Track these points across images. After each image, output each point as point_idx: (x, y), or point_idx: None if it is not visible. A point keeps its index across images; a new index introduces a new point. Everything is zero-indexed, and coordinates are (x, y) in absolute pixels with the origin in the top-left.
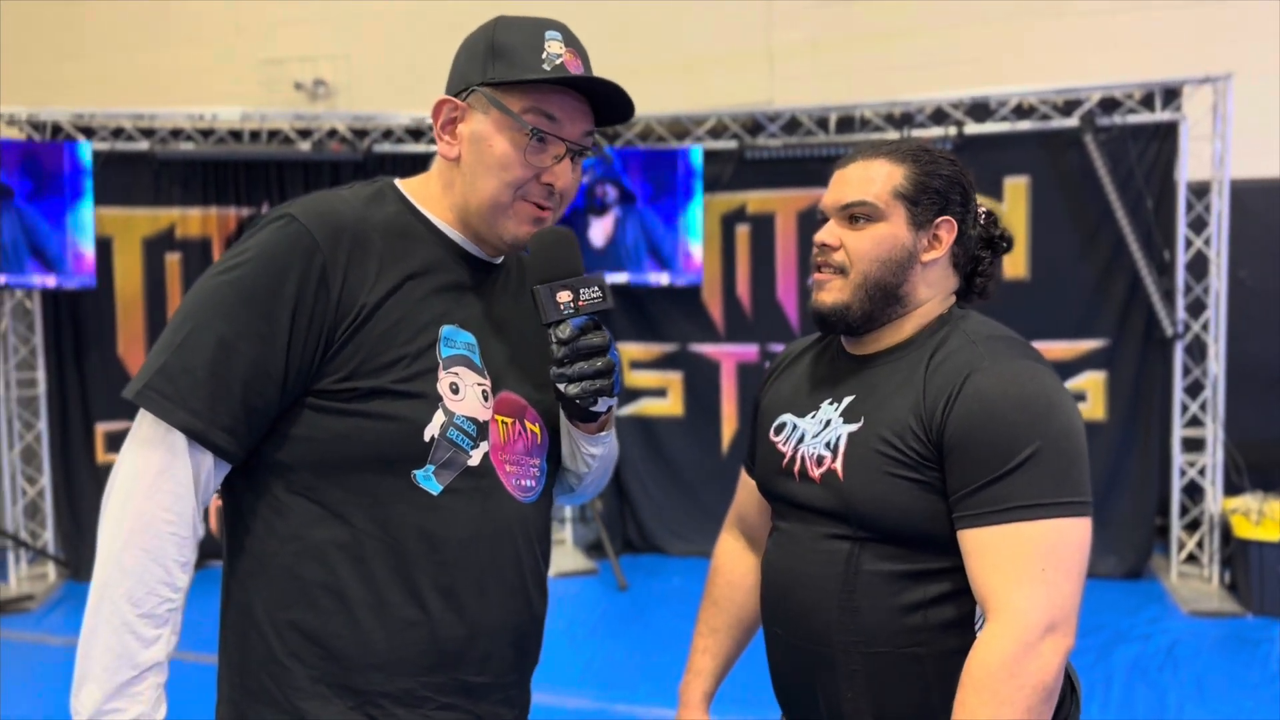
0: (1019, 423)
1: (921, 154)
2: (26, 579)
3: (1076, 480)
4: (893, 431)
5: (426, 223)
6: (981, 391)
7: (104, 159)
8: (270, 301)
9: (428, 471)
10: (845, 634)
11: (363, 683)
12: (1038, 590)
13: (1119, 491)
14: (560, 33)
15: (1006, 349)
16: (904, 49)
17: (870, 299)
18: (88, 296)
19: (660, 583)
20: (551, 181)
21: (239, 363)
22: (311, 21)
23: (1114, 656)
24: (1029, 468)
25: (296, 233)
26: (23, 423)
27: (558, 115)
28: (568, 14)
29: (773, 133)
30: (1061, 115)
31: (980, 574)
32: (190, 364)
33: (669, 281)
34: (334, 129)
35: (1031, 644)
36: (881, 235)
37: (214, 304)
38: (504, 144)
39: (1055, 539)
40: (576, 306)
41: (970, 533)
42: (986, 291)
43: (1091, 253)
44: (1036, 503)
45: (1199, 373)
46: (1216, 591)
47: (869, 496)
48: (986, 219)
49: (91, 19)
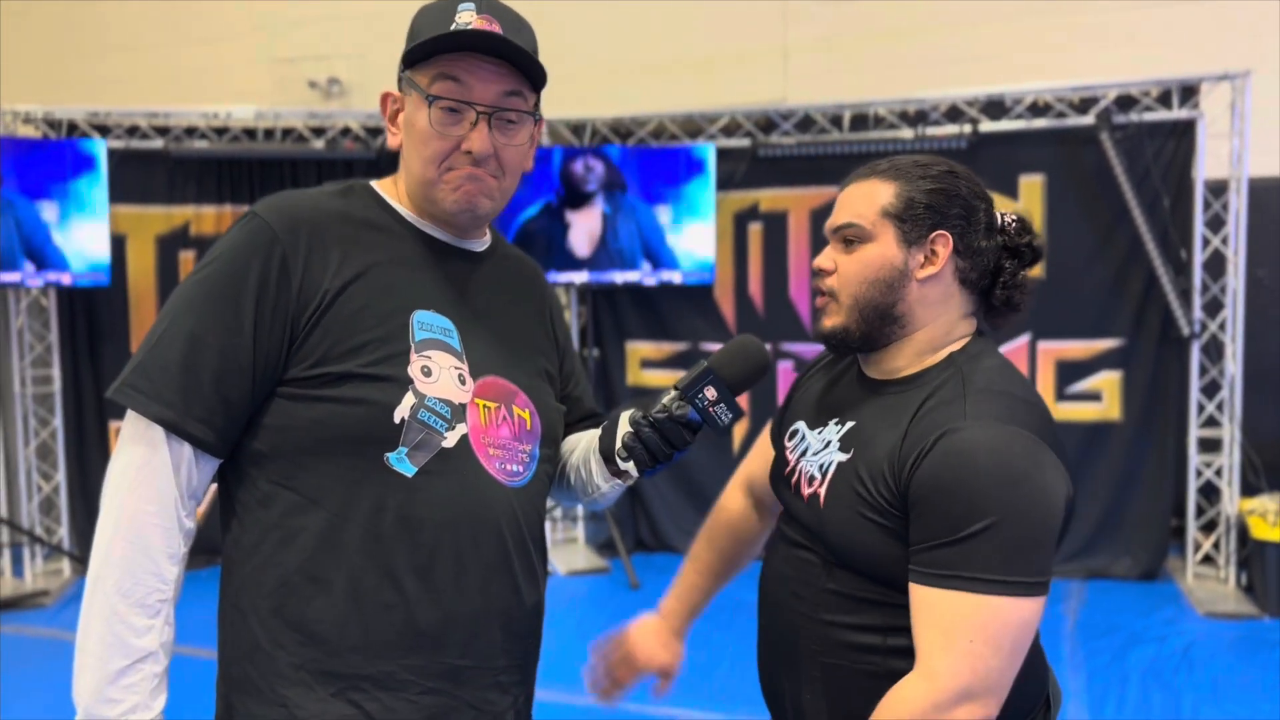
0: (980, 490)
1: (914, 169)
2: (41, 575)
3: (1030, 560)
4: (869, 474)
5: (395, 215)
6: (951, 452)
7: (119, 157)
8: (234, 294)
9: (400, 454)
10: (809, 641)
11: (343, 667)
12: (961, 660)
13: (1134, 492)
14: (473, 3)
15: (993, 408)
16: (918, 46)
17: (865, 320)
18: (102, 294)
19: (672, 581)
20: (469, 148)
21: (208, 355)
22: (325, 21)
23: (1129, 658)
24: (981, 540)
25: (256, 227)
26: (38, 419)
27: (463, 78)
28: (580, 13)
29: (786, 130)
30: (1077, 113)
31: (917, 626)
32: (164, 360)
33: (680, 281)
34: (347, 127)
35: (942, 706)
36: (869, 257)
37: (185, 302)
38: (422, 120)
39: (989, 616)
40: (706, 407)
41: (916, 587)
42: (1013, 302)
43: (1107, 251)
44: (979, 577)
45: (1215, 372)
46: (1233, 593)
47: (840, 529)
48: (1017, 226)
49: (107, 18)
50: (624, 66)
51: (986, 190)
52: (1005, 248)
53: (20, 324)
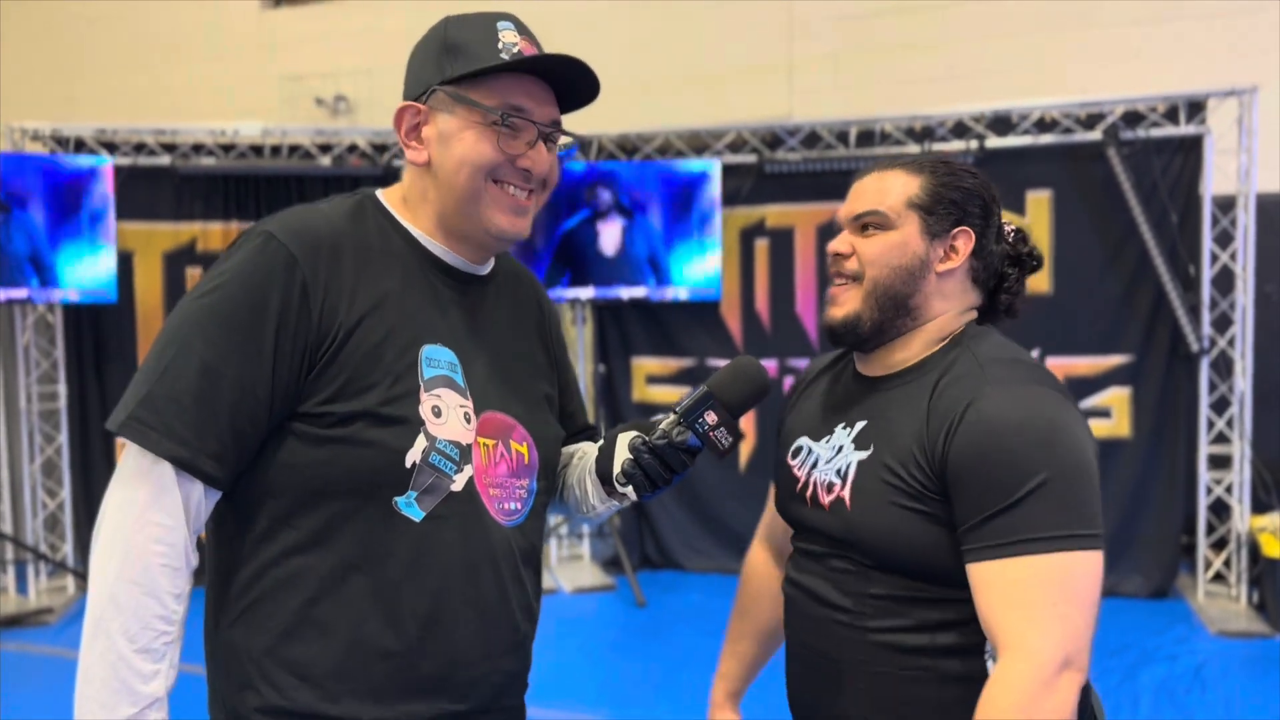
0: (1023, 451)
1: (939, 166)
2: (46, 592)
3: (1087, 511)
4: (898, 461)
5: (406, 235)
6: (984, 419)
7: (126, 174)
8: (253, 322)
9: (409, 498)
10: (854, 652)
11: (339, 711)
12: (1052, 626)
13: (1144, 509)
14: (512, 22)
15: (1012, 373)
16: (925, 62)
17: (880, 307)
18: (109, 311)
19: (678, 599)
20: (528, 166)
21: (225, 388)
22: (332, 38)
23: (1140, 677)
24: (1037, 499)
25: (275, 250)
26: (43, 436)
27: (524, 104)
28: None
29: (792, 146)
30: (1084, 129)
31: (990, 609)
32: (175, 391)
33: (686, 297)
34: (354, 144)
35: (1048, 681)
36: (892, 241)
37: (196, 328)
38: (472, 137)
39: (1066, 572)
40: (706, 431)
41: (979, 566)
42: (1013, 309)
43: (1115, 267)
44: (1044, 536)
45: (1225, 389)
46: (1244, 611)
47: (874, 527)
48: (1015, 236)
49: (114, 36)
50: (630, 83)
51: None
52: (1008, 255)
53: (26, 340)
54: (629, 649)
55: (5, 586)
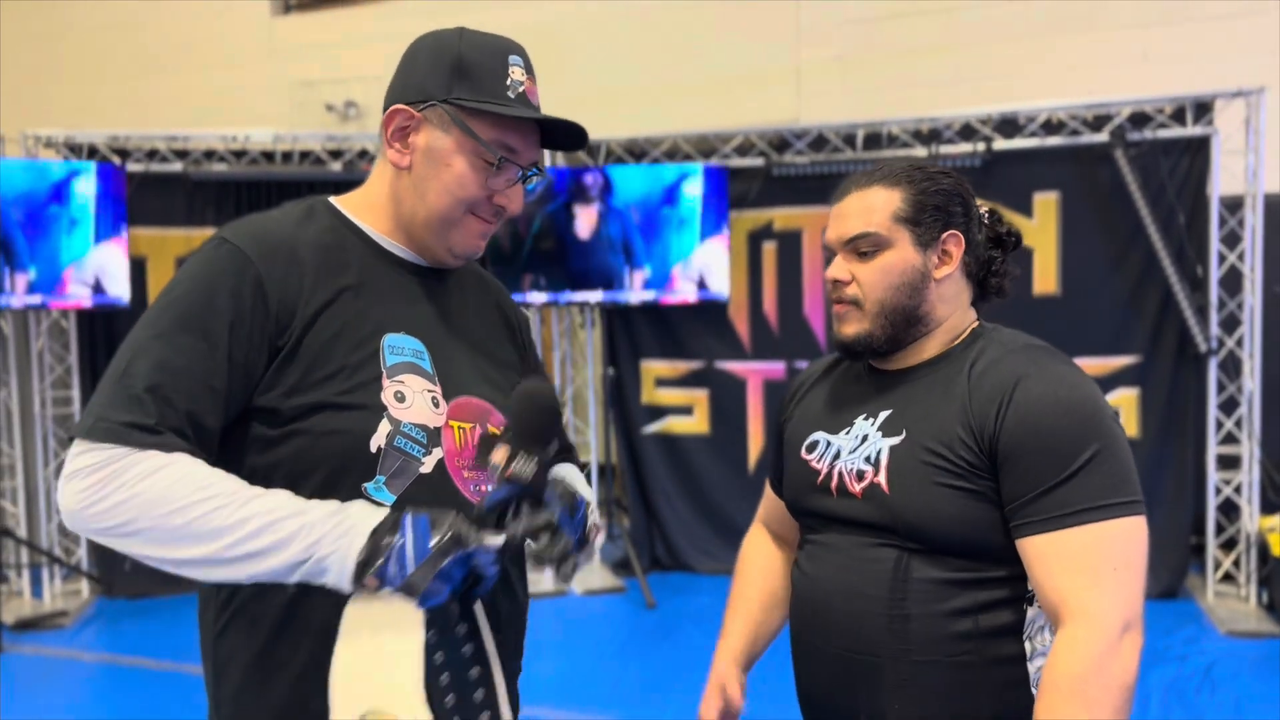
0: (1074, 427)
1: (915, 173)
2: (60, 596)
3: (1132, 478)
4: (940, 442)
5: (360, 234)
6: (1034, 398)
7: (138, 180)
8: (205, 318)
9: (378, 483)
10: (895, 642)
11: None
12: (1113, 591)
13: (1153, 510)
14: (521, 58)
15: (1048, 356)
16: (932, 65)
17: (892, 324)
18: (122, 316)
19: (688, 601)
20: (505, 204)
21: (181, 382)
22: (342, 44)
23: (1150, 677)
24: (1090, 470)
25: (228, 252)
26: (58, 441)
27: (516, 146)
28: (594, 33)
29: (800, 149)
30: (1091, 130)
31: (1050, 579)
32: (132, 390)
33: (695, 299)
34: (364, 149)
35: (1114, 644)
36: (890, 263)
37: (152, 330)
38: (463, 164)
39: (1123, 538)
40: (504, 474)
41: (1035, 539)
42: (1003, 290)
43: (1123, 268)
44: (1103, 504)
45: (1234, 389)
46: (1254, 611)
47: (918, 508)
48: (991, 218)
49: (126, 43)
50: (637, 87)
51: None
52: (990, 238)
53: (41, 346)
54: (639, 650)
55: (21, 590)
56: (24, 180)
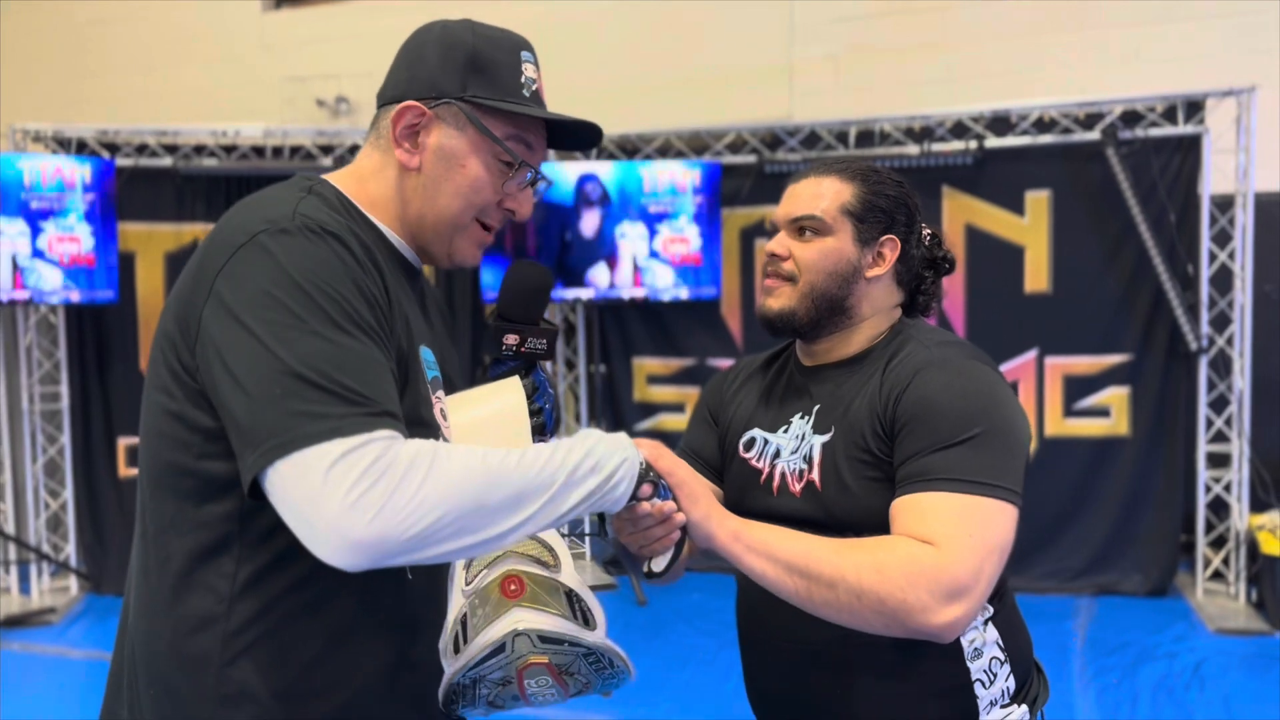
0: (964, 408)
1: (870, 174)
2: (49, 592)
3: (1012, 470)
4: (860, 435)
5: (375, 229)
6: (930, 382)
7: (128, 175)
8: (346, 309)
9: None
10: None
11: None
12: (968, 551)
13: (1143, 508)
14: (531, 55)
15: (960, 351)
16: (924, 63)
17: (817, 308)
18: (111, 311)
19: (679, 598)
20: (514, 208)
21: (371, 372)
22: (333, 39)
23: (1139, 675)
24: (971, 447)
25: (329, 241)
26: (46, 436)
27: (534, 145)
28: (587, 30)
29: (792, 147)
30: (1083, 129)
31: (904, 529)
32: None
33: (687, 296)
34: (355, 145)
35: (937, 589)
36: (828, 248)
37: (296, 334)
38: (478, 166)
39: (986, 516)
40: (518, 350)
41: (906, 498)
42: (929, 309)
43: (1114, 267)
44: (978, 480)
45: (1224, 387)
46: (1243, 609)
47: (846, 502)
48: (931, 240)
49: (116, 37)
50: (630, 83)
51: None
52: (926, 259)
53: (29, 341)
54: (630, 648)
55: (8, 587)
56: (12, 174)
